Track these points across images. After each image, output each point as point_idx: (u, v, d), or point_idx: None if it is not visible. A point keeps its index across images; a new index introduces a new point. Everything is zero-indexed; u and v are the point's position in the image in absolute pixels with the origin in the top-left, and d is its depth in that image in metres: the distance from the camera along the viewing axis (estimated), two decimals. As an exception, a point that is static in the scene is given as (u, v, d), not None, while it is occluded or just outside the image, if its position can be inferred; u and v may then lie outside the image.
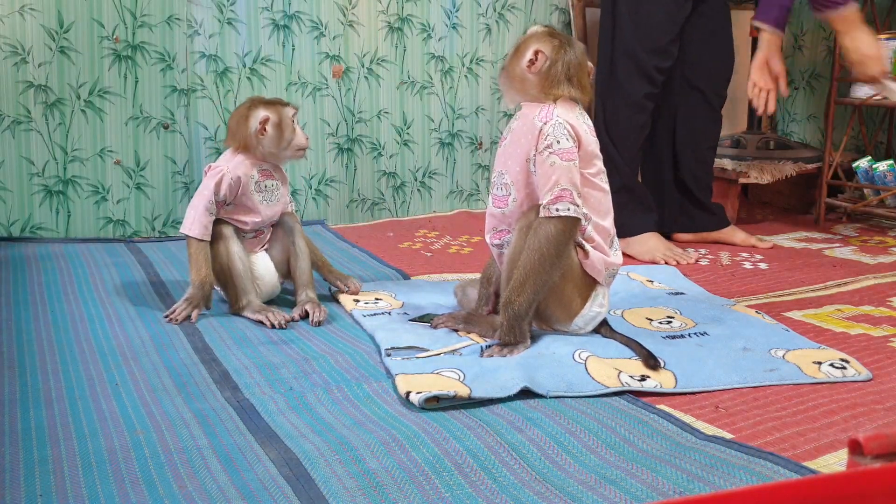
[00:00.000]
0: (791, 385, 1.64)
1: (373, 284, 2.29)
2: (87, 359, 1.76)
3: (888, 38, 3.10)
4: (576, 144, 1.75)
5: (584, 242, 1.78)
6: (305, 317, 2.02)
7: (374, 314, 2.02)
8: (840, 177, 3.26)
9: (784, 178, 3.20)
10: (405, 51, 3.31)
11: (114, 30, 2.86)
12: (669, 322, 1.98)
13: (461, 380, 1.59)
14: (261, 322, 2.00)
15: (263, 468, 1.29)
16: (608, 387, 1.59)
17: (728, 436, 1.43)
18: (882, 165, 3.13)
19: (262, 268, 2.11)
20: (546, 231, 1.71)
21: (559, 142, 1.73)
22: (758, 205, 3.61)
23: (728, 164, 3.20)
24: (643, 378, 1.63)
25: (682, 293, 2.24)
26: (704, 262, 2.65)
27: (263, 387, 1.62)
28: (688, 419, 1.49)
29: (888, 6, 3.40)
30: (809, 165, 3.25)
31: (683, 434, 1.41)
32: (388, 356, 1.74)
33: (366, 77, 3.25)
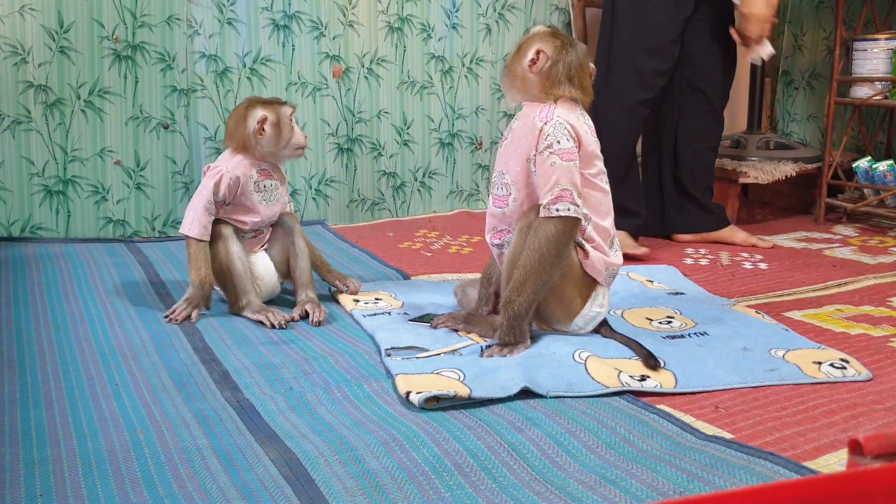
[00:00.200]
0: (791, 385, 1.64)
1: (373, 284, 2.29)
2: (87, 359, 1.76)
3: (888, 38, 3.10)
4: (576, 145, 1.75)
5: (584, 242, 1.78)
6: (305, 317, 2.02)
7: (374, 314, 2.02)
8: (840, 177, 3.26)
9: (784, 178, 3.20)
10: (405, 51, 3.31)
11: (114, 30, 2.86)
12: (669, 322, 1.98)
13: (461, 380, 1.59)
14: (261, 322, 2.00)
15: (263, 468, 1.29)
16: (608, 387, 1.59)
17: (728, 436, 1.43)
18: (882, 165, 3.13)
19: (262, 268, 2.11)
20: (546, 231, 1.71)
21: (559, 142, 1.73)
22: (758, 205, 3.61)
23: (728, 164, 3.20)
24: (643, 378, 1.63)
25: (682, 293, 2.24)
26: (704, 262, 2.65)
27: (263, 387, 1.62)
28: (688, 419, 1.49)
29: (888, 6, 3.40)
30: (809, 165, 3.25)
31: (683, 434, 1.41)
32: (388, 356, 1.74)
33: (366, 77, 3.25)
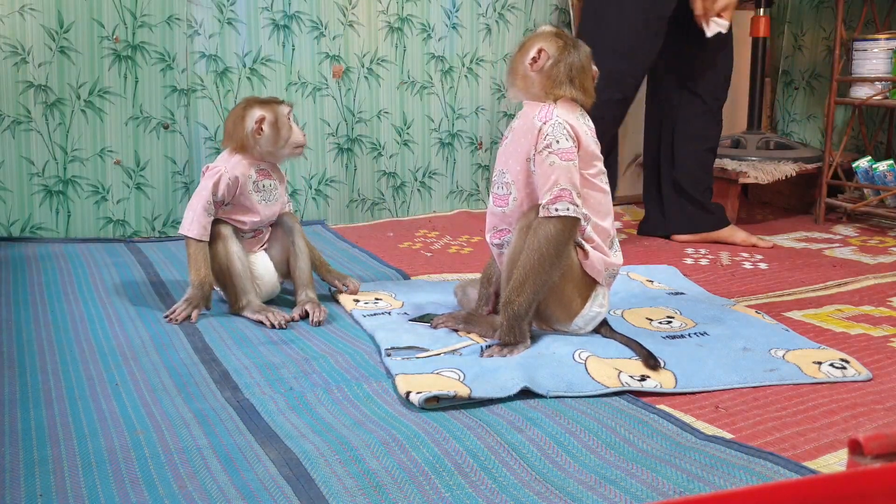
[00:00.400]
0: (791, 385, 1.64)
1: (373, 284, 2.29)
2: (87, 359, 1.76)
3: (888, 38, 3.10)
4: (575, 145, 1.75)
5: (584, 242, 1.78)
6: (305, 317, 2.02)
7: (374, 314, 2.02)
8: (840, 177, 3.26)
9: (784, 178, 3.20)
10: (405, 51, 3.31)
11: (114, 30, 2.86)
12: (669, 322, 1.98)
13: (461, 380, 1.59)
14: (260, 322, 1.99)
15: (263, 468, 1.29)
16: (608, 387, 1.59)
17: (728, 436, 1.43)
18: (882, 165, 3.13)
19: (262, 268, 2.11)
20: (546, 231, 1.71)
21: (558, 141, 1.73)
22: (758, 205, 3.61)
23: (728, 164, 3.20)
24: (643, 378, 1.63)
25: (682, 293, 2.24)
26: (704, 262, 2.65)
27: (263, 387, 1.62)
28: (688, 419, 1.49)
29: (888, 6, 3.40)
30: (809, 165, 3.25)
31: (683, 434, 1.41)
32: (388, 356, 1.74)
33: (366, 77, 3.25)
